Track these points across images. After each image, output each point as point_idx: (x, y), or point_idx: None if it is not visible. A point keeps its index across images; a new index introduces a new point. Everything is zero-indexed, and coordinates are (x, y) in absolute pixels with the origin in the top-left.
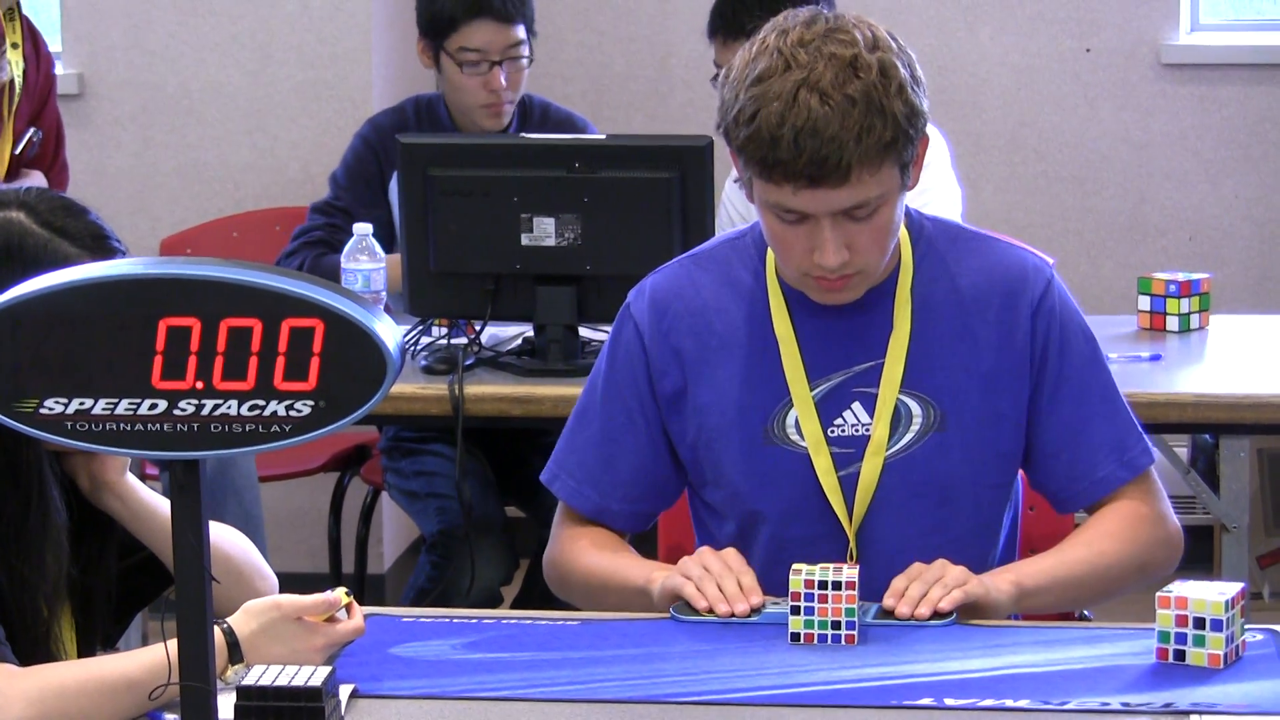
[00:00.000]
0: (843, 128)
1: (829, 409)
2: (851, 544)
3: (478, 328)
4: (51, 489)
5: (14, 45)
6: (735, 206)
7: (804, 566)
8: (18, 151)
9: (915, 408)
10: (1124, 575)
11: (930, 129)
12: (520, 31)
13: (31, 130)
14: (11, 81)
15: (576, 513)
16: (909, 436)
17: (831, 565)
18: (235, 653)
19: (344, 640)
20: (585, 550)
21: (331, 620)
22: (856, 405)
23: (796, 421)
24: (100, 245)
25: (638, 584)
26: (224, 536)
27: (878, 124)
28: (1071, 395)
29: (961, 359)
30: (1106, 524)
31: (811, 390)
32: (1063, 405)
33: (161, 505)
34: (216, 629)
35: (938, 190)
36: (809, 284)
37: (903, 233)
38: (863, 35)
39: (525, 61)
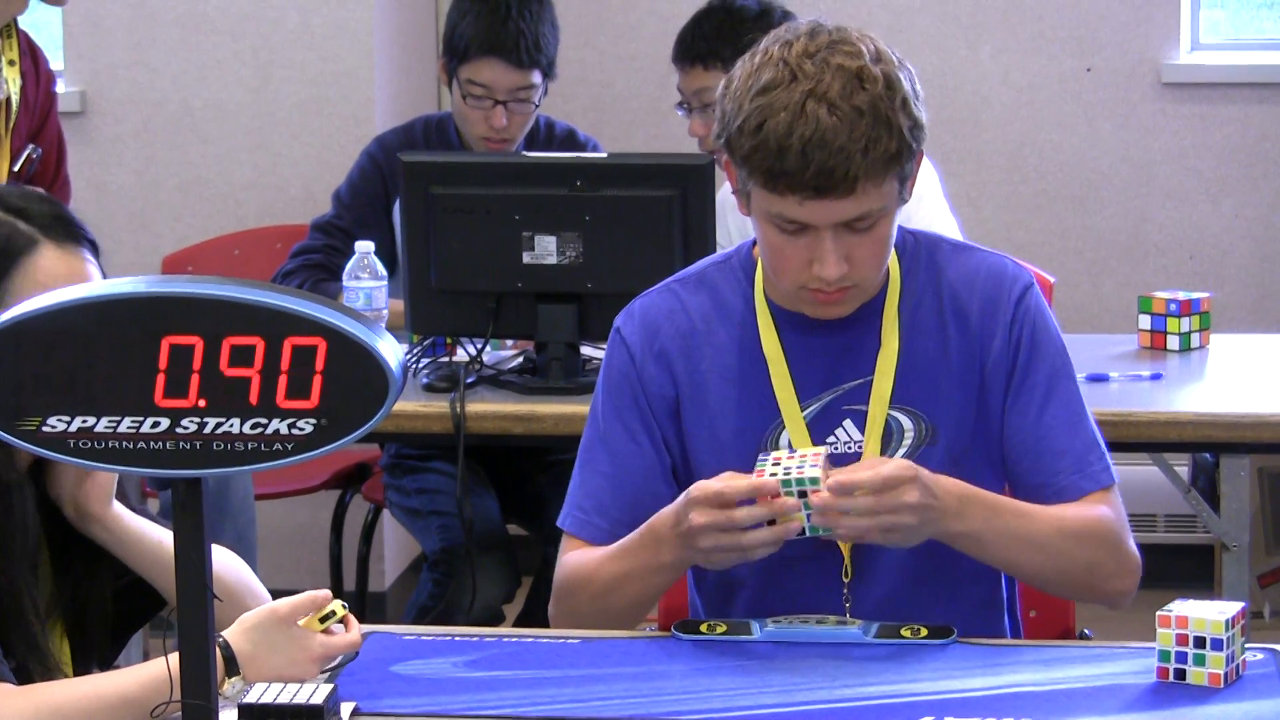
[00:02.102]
0: (850, 139)
1: (821, 427)
2: (846, 560)
3: (478, 345)
4: (25, 502)
5: (10, 62)
6: (730, 223)
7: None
8: (16, 169)
9: (906, 423)
10: (1069, 553)
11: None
12: (533, 76)
13: (30, 147)
14: (8, 99)
15: (581, 543)
16: (901, 451)
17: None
18: (232, 666)
19: (340, 651)
20: (586, 558)
21: (327, 632)
22: (848, 423)
23: (789, 442)
24: (60, 226)
25: (655, 562)
26: (216, 556)
27: (884, 136)
28: (1035, 402)
29: (949, 370)
30: (1070, 506)
31: (802, 410)
32: (1026, 410)
33: (149, 532)
34: None
35: (938, 226)
36: (804, 298)
37: None
38: (867, 48)
39: (532, 105)
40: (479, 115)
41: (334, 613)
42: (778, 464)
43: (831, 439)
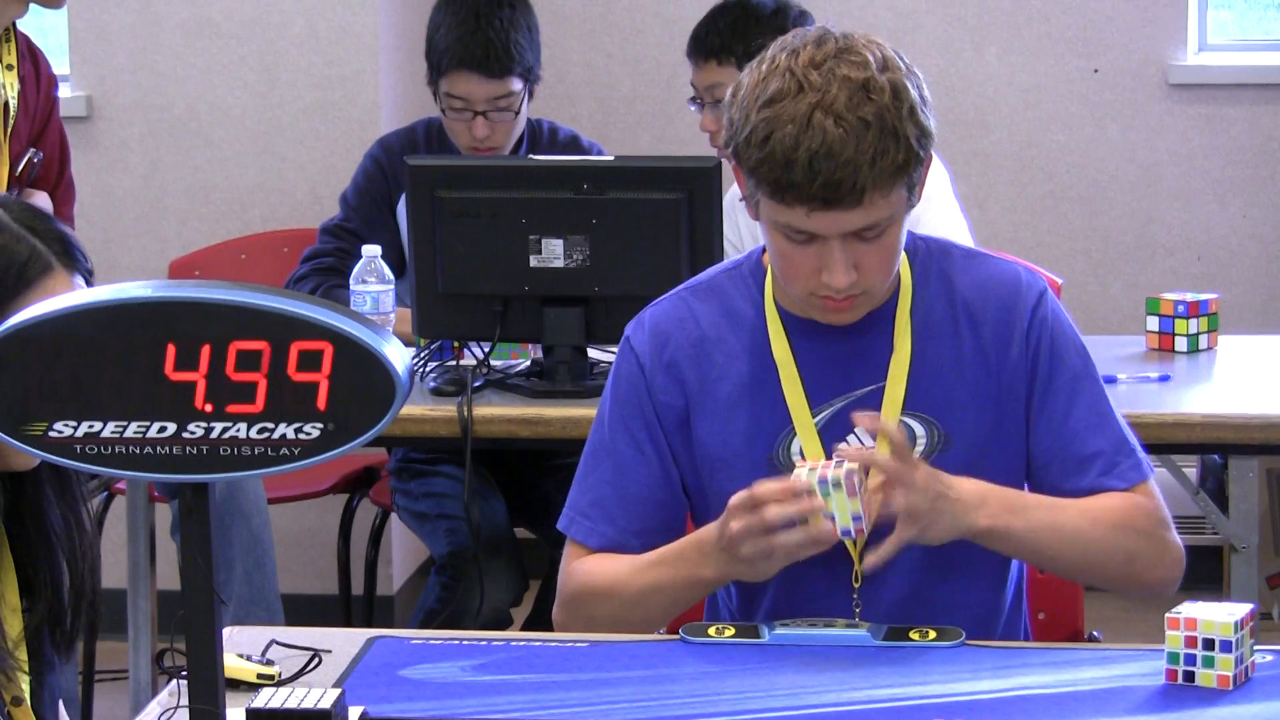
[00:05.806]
0: (858, 151)
1: (832, 434)
2: (857, 566)
3: (485, 349)
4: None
5: (9, 66)
6: (740, 221)
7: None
8: (17, 173)
9: (919, 429)
10: (1105, 542)
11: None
12: (510, 85)
13: (31, 151)
14: (6, 103)
15: (590, 551)
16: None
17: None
18: None
19: None
20: (607, 567)
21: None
22: (860, 429)
23: (801, 448)
24: (66, 252)
25: (695, 576)
26: None
27: (891, 147)
28: (1060, 408)
29: (962, 377)
30: (1103, 497)
31: (814, 416)
32: (1051, 417)
33: None
34: None
35: (947, 226)
36: (814, 304)
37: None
38: (874, 56)
39: (513, 113)
40: (461, 127)
41: (270, 676)
42: (813, 470)
43: (843, 445)
